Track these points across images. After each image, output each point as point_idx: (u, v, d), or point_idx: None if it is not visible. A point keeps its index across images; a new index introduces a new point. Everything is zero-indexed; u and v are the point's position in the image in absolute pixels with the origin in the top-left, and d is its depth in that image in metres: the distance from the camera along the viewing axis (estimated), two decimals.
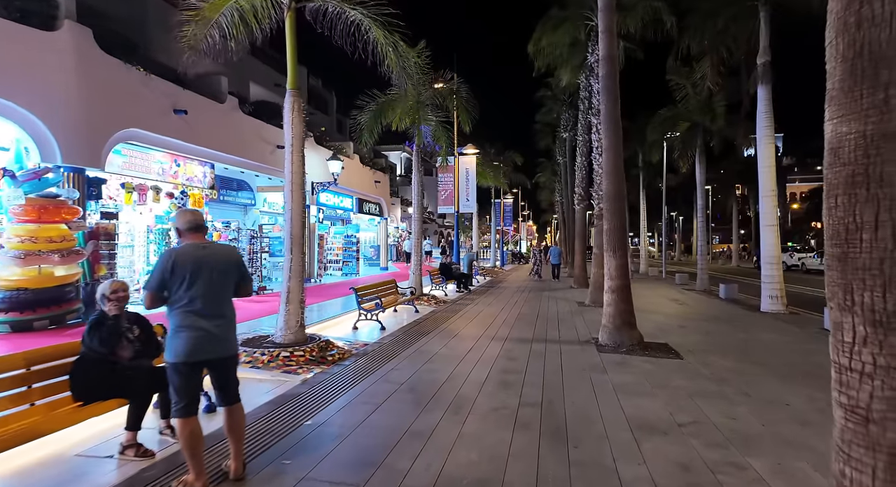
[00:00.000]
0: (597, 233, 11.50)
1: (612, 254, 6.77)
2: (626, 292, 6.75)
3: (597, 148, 11.34)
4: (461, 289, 13.88)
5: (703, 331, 8.09)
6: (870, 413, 1.45)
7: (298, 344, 5.54)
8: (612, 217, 6.74)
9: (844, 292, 1.54)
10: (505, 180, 27.88)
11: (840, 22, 1.52)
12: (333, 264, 17.23)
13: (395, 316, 9.24)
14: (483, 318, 9.05)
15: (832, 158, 1.60)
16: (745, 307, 11.56)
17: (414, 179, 11.10)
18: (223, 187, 12.97)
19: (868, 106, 1.46)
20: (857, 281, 1.50)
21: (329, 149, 15.43)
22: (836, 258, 1.58)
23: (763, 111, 11.03)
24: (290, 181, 5.76)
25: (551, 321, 8.87)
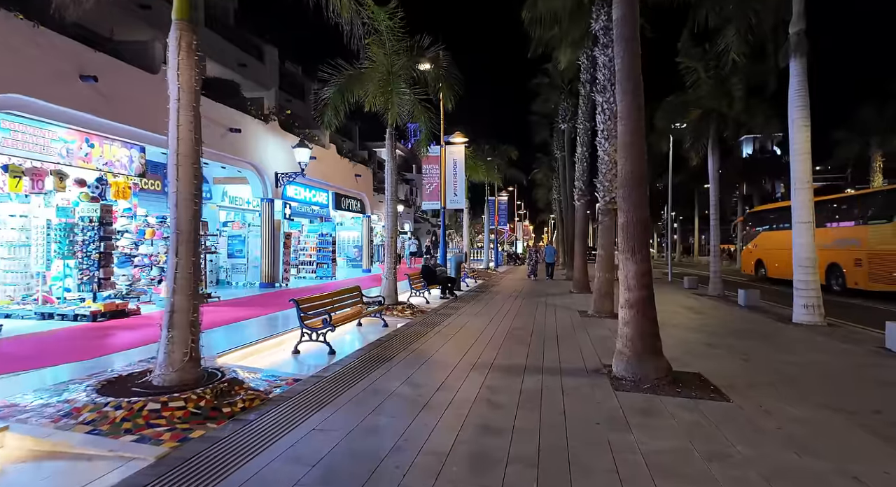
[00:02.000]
0: (603, 231, 9.86)
1: (631, 257, 5.10)
2: (648, 307, 5.09)
3: (601, 131, 9.70)
4: (446, 295, 12.20)
5: (739, 352, 6.45)
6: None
7: (185, 386, 3.83)
8: (632, 208, 5.08)
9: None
10: (499, 175, 26.19)
11: None
12: (307, 266, 15.50)
13: (358, 332, 7.55)
14: (466, 335, 7.36)
15: None
16: (773, 317, 9.94)
17: (387, 167, 9.41)
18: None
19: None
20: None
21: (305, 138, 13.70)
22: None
23: (796, 89, 9.40)
24: (175, 151, 4.04)
25: (549, 338, 7.20)
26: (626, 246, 5.15)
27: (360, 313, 7.38)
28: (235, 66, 13.78)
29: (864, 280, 12.64)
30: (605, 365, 5.51)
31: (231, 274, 12.86)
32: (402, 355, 5.89)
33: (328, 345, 5.86)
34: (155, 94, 8.68)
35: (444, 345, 6.55)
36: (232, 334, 6.57)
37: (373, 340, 6.74)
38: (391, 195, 9.33)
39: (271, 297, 10.87)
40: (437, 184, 14.14)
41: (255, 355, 5.69)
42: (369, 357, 5.75)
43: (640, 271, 5.08)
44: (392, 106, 8.65)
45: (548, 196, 36.78)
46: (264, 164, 12.20)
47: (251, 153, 11.71)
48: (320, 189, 15.69)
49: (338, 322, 6.50)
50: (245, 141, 11.44)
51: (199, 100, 4.11)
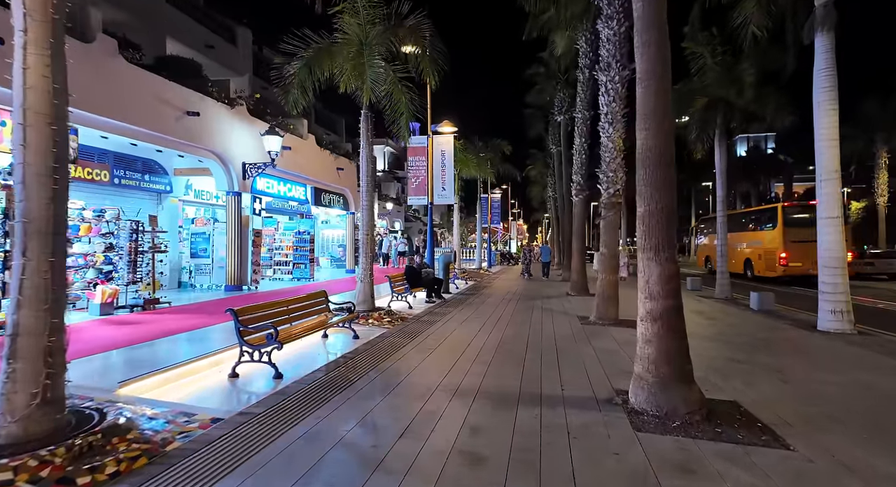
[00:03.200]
0: (606, 228, 8.76)
1: (654, 257, 3.99)
2: (676, 320, 3.99)
3: (605, 114, 8.60)
4: (432, 299, 11.06)
5: (772, 370, 5.38)
6: None
7: (30, 442, 2.65)
8: (655, 194, 3.97)
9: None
10: (492, 171, 25.07)
11: None
12: (282, 267, 14.28)
13: (322, 346, 6.39)
14: (449, 348, 6.23)
15: None
16: (794, 323, 8.92)
17: (362, 154, 8.24)
18: (119, 166, 9.99)
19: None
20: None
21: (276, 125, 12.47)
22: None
23: (822, 67, 8.38)
24: (22, 105, 2.82)
25: (547, 351, 6.08)
26: (648, 244, 4.04)
27: (324, 323, 6.22)
28: (202, 47, 12.54)
29: (762, 269, 17.22)
30: (618, 393, 4.40)
31: (195, 275, 11.62)
32: (367, 378, 4.74)
33: (273, 367, 4.69)
34: (86, 66, 7.48)
35: (421, 363, 5.41)
36: (159, 352, 5.39)
37: (336, 357, 5.58)
38: (367, 186, 8.17)
39: (234, 302, 9.65)
40: (423, 178, 13.00)
41: (178, 381, 4.52)
42: (325, 381, 4.60)
43: (666, 274, 3.97)
44: (365, 81, 7.49)
45: (542, 194, 35.77)
46: (229, 154, 10.98)
47: (213, 140, 10.49)
48: (297, 182, 14.48)
49: (296, 335, 5.34)
50: (205, 126, 10.22)
51: (63, 36, 2.92)
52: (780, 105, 13.00)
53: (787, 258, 15.99)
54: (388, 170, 43.90)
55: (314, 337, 6.52)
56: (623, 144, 8.68)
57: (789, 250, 15.94)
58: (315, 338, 6.54)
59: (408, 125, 8.75)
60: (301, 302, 6.09)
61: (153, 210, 11.18)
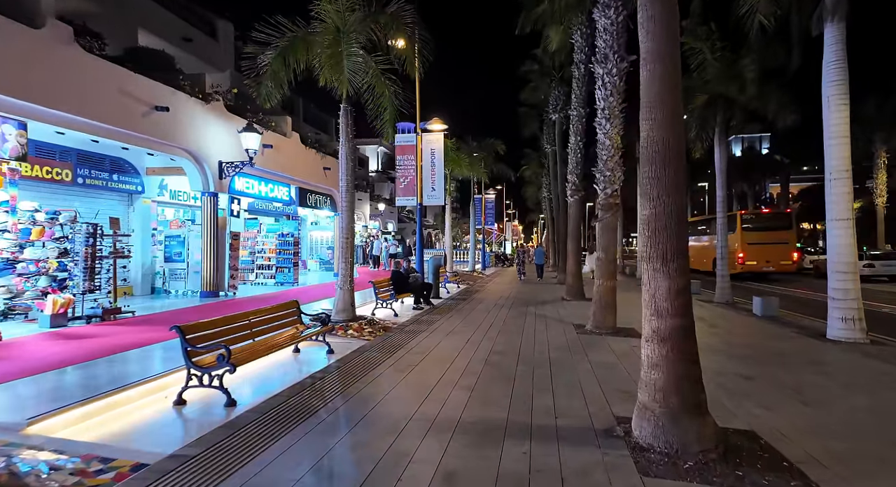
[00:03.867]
0: (603, 230, 8.21)
1: (661, 267, 3.43)
2: (687, 341, 3.43)
3: (602, 110, 8.06)
4: (420, 305, 10.48)
5: (789, 389, 4.85)
6: None
7: None
8: (663, 194, 3.41)
9: None
10: (485, 171, 24.50)
11: None
12: (265, 271, 13.64)
13: (292, 362, 5.79)
14: (432, 365, 5.65)
15: None
16: (801, 331, 8.42)
17: (341, 152, 7.63)
18: (85, 165, 9.33)
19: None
20: None
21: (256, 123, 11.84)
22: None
23: (832, 60, 7.90)
24: None
25: (540, 367, 5.51)
26: (654, 252, 3.48)
27: (294, 337, 5.62)
28: (179, 40, 11.90)
29: (732, 266, 19.47)
30: (619, 421, 3.84)
31: (169, 280, 10.97)
32: (333, 405, 4.15)
33: (225, 393, 4.08)
34: (34, 54, 6.83)
35: (397, 385, 4.82)
36: (100, 374, 4.76)
37: (302, 377, 4.98)
38: (346, 185, 7.58)
39: (207, 310, 9.03)
40: (412, 178, 12.41)
41: (111, 411, 3.90)
42: (284, 410, 4.00)
43: (675, 288, 3.41)
44: (343, 72, 6.90)
45: (537, 194, 35.27)
46: (203, 152, 10.34)
47: (185, 137, 9.85)
48: (280, 183, 13.84)
49: (259, 353, 4.75)
50: (177, 122, 9.59)
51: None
52: (782, 103, 12.53)
53: (744, 257, 18.49)
54: (381, 171, 43.27)
55: (284, 353, 5.91)
56: (621, 142, 8.15)
57: (745, 251, 18.42)
58: (284, 354, 5.93)
59: (392, 121, 8.16)
60: (267, 314, 5.48)
61: (124, 212, 10.53)
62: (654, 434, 3.34)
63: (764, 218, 19.25)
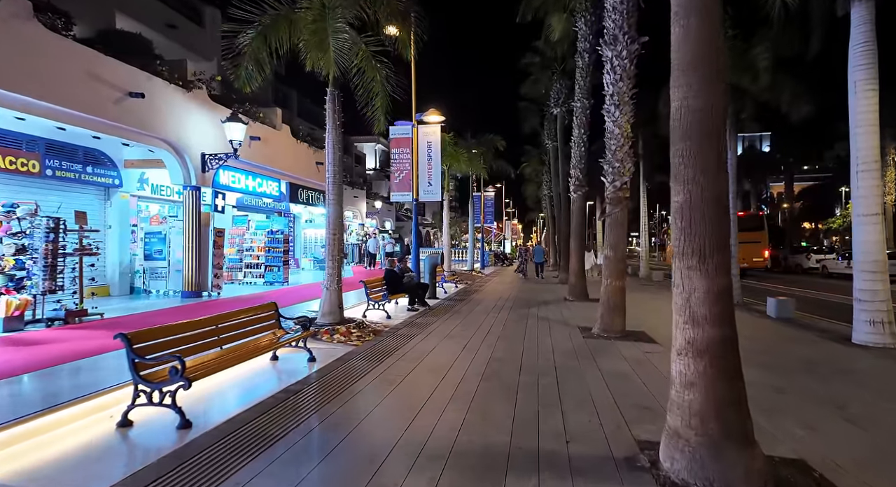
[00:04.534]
0: (612, 226, 7.61)
1: (698, 264, 2.82)
2: (731, 357, 2.83)
3: (610, 95, 7.45)
4: (415, 307, 9.88)
5: (828, 403, 4.27)
6: None
7: None
8: (700, 176, 2.80)
9: None
10: (485, 167, 23.87)
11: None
12: (253, 270, 13.02)
13: (267, 372, 5.18)
14: (424, 375, 5.04)
15: None
16: (822, 334, 7.85)
17: (328, 140, 7.01)
18: (53, 156, 8.69)
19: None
20: None
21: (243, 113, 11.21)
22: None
23: (860, 42, 7.32)
24: None
25: (545, 377, 4.91)
26: (688, 247, 2.87)
27: (270, 345, 5.01)
28: (161, 26, 11.26)
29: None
30: (642, 447, 3.24)
31: (149, 280, 10.35)
32: (305, 427, 3.54)
33: (178, 413, 3.47)
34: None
35: (383, 400, 4.22)
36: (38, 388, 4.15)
37: (275, 390, 4.37)
38: (333, 177, 6.97)
39: (186, 312, 8.43)
40: (408, 172, 11.81)
41: (43, 435, 3.29)
42: (246, 433, 3.40)
43: (714, 290, 2.80)
44: (328, 50, 6.28)
45: (537, 192, 34.67)
46: (184, 143, 9.72)
47: (164, 127, 9.23)
48: (270, 177, 13.22)
49: (225, 364, 4.15)
50: (155, 111, 8.96)
51: None
52: (796, 93, 11.95)
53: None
54: (379, 168, 42.66)
55: (260, 361, 5.30)
56: (631, 130, 7.55)
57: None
58: (260, 362, 5.32)
59: (384, 108, 7.55)
60: (239, 318, 4.87)
61: (99, 206, 9.91)
62: (690, 469, 2.74)
63: (741, 220, 21.53)
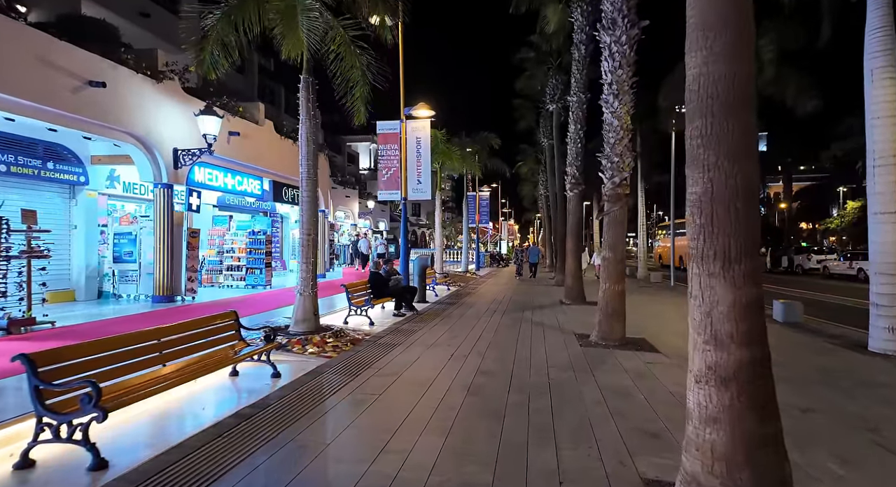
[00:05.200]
0: (611, 225, 7.07)
1: (723, 271, 2.26)
2: (763, 386, 2.27)
3: (609, 84, 6.90)
4: (401, 312, 9.30)
5: (863, 427, 3.73)
6: None
7: None
8: (724, 161, 2.24)
9: None
10: (479, 165, 23.30)
11: None
12: (234, 273, 12.40)
13: (217, 391, 4.58)
14: (400, 394, 4.47)
15: None
16: (834, 341, 7.33)
17: (301, 131, 6.43)
18: (8, 151, 8.07)
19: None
20: None
21: (221, 107, 10.61)
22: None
23: (877, 27, 6.81)
24: None
25: (537, 397, 4.34)
26: (709, 248, 2.31)
27: (226, 359, 4.43)
28: (134, 14, 10.65)
29: (688, 262, 25.78)
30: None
31: (119, 283, 9.73)
32: (249, 464, 2.96)
33: (91, 451, 2.88)
34: None
35: (349, 426, 3.64)
36: None
37: (225, 415, 3.78)
38: (307, 172, 6.39)
39: (153, 319, 7.84)
40: (396, 169, 11.24)
41: None
42: (176, 473, 2.81)
43: (742, 303, 2.24)
44: (297, 30, 5.71)
45: (533, 192, 34.16)
46: (154, 138, 9.10)
47: (131, 120, 8.61)
48: (251, 175, 12.61)
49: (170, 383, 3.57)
50: (120, 102, 8.35)
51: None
52: (802, 87, 11.48)
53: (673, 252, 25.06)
54: (373, 168, 42.02)
55: (216, 377, 4.71)
56: (631, 122, 7.01)
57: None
58: (216, 379, 4.73)
59: (363, 98, 6.99)
60: (188, 331, 4.28)
61: (64, 206, 9.28)
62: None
63: None
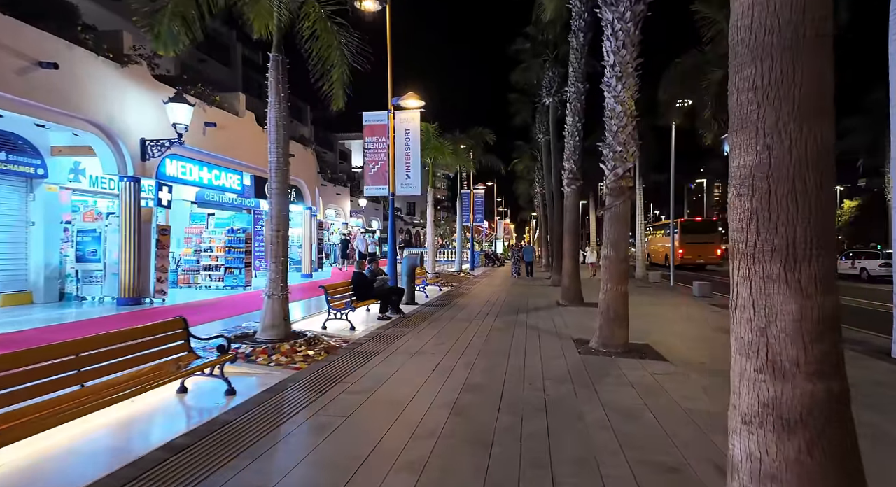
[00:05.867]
0: (613, 222, 6.44)
1: (784, 273, 1.63)
2: (840, 431, 1.63)
3: (611, 66, 6.28)
4: (387, 315, 8.65)
5: None
6: None
7: None
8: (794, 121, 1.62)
9: None
10: (473, 161, 22.65)
11: None
12: (212, 272, 11.70)
13: (158, 412, 3.91)
14: (371, 416, 3.82)
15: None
16: (853, 347, 6.70)
17: (270, 115, 5.76)
18: None
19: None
20: None
21: (196, 96, 9.91)
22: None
23: None
24: None
25: (532, 421, 3.70)
26: (769, 242, 1.67)
27: (166, 375, 3.77)
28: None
29: (662, 261, 25.58)
30: None
31: (82, 285, 9.02)
32: None
33: None
34: None
35: (302, 461, 2.99)
36: None
37: (151, 447, 3.12)
38: (276, 162, 5.71)
39: (113, 323, 7.17)
40: (383, 163, 10.58)
41: None
42: None
43: (814, 317, 1.61)
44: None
45: (529, 191, 33.56)
46: (118, 127, 8.39)
47: (90, 107, 7.90)
48: (230, 169, 11.91)
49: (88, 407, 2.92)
50: (78, 87, 7.64)
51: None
52: None
53: (683, 253, 24.96)
54: None
55: (159, 396, 4.05)
56: (635, 107, 6.39)
57: (684, 248, 24.96)
58: (158, 398, 4.07)
59: (341, 81, 6.33)
60: (116, 344, 3.61)
61: (20, 200, 8.56)
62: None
63: (698, 224, 26.79)
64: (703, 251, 24.42)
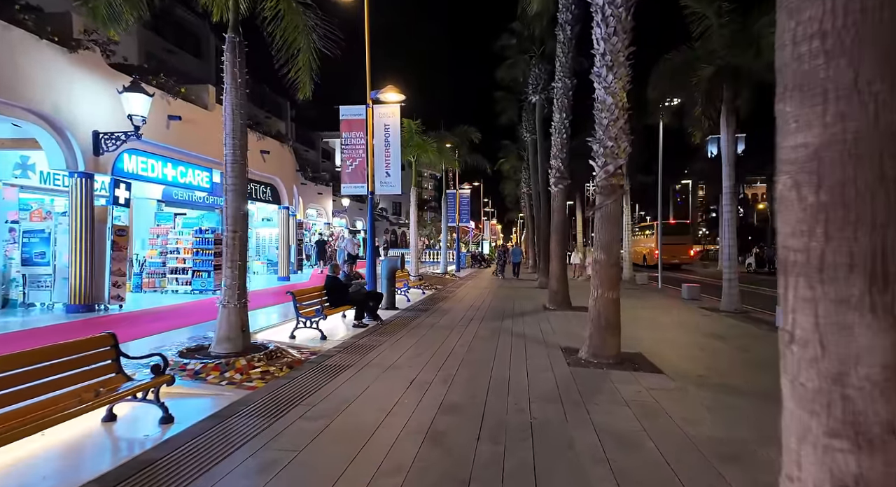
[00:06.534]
0: (604, 223, 5.97)
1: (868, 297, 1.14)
2: None
3: (601, 55, 5.82)
4: (362, 322, 8.08)
5: None
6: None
7: None
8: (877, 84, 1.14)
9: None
10: (458, 160, 22.16)
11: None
12: (179, 276, 10.96)
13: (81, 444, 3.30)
14: (328, 449, 3.27)
15: None
16: None
17: (226, 101, 5.15)
18: None
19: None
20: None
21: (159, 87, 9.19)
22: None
23: None
24: None
25: (517, 452, 3.19)
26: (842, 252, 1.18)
27: (82, 402, 3.16)
28: None
29: (650, 260, 27.40)
30: None
31: (29, 290, 8.25)
32: None
33: None
34: None
35: None
36: None
37: None
38: (233, 154, 5.12)
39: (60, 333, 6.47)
40: (361, 160, 10.01)
41: None
42: None
43: None
44: None
45: (516, 190, 33.22)
46: (67, 117, 7.67)
47: (32, 95, 7.18)
48: (197, 166, 11.18)
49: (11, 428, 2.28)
50: (16, 73, 6.92)
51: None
52: None
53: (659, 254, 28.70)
54: None
55: (83, 426, 3.43)
56: (627, 100, 5.95)
57: (661, 249, 28.38)
58: (82, 428, 3.45)
59: (307, 67, 5.76)
60: (21, 366, 2.99)
61: None
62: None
63: (672, 226, 28.83)
64: (677, 251, 26.25)
